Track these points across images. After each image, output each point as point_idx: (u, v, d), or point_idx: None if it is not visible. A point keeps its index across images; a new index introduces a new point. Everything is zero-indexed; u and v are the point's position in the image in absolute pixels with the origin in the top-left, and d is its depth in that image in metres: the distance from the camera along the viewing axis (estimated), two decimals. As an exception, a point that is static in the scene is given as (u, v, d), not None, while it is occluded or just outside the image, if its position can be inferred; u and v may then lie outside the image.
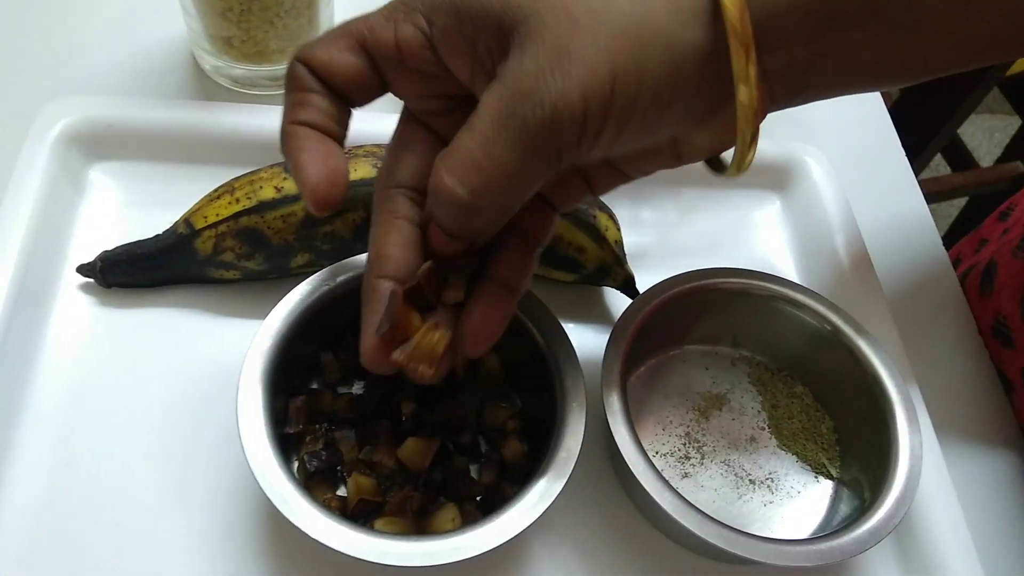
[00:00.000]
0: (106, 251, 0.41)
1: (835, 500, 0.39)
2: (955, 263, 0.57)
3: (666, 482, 0.34)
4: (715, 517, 0.34)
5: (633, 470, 0.34)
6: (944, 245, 0.51)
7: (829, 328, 0.40)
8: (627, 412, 0.35)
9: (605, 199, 0.44)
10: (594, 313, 0.44)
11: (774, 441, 0.41)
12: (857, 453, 0.39)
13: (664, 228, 0.48)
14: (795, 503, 0.39)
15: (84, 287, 0.41)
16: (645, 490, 0.34)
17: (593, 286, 0.45)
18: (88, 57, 0.50)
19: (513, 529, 0.31)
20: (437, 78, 0.29)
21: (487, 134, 0.26)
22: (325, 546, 0.31)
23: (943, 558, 0.37)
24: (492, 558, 0.31)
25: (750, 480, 0.39)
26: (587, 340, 0.39)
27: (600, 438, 0.39)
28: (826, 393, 0.41)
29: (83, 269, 0.41)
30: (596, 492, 0.39)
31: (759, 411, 0.41)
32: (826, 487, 0.40)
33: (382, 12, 0.29)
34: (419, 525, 0.35)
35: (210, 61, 0.49)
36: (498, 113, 0.26)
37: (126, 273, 0.41)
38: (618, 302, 0.44)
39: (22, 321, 0.38)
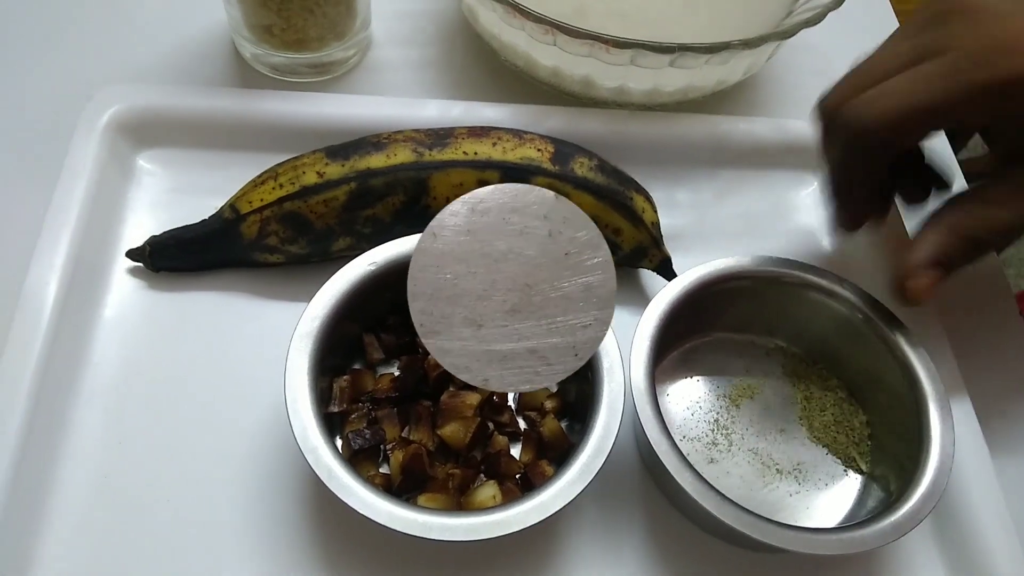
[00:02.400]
0: (154, 236, 0.42)
1: (863, 495, 0.38)
2: None
3: (687, 462, 0.34)
4: (737, 502, 0.33)
5: (656, 449, 0.34)
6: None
7: (861, 317, 0.39)
8: (653, 392, 0.36)
9: (641, 180, 0.44)
10: (631, 295, 0.44)
11: (804, 432, 0.40)
12: (889, 449, 0.39)
13: (701, 209, 0.48)
14: (822, 495, 0.39)
15: (134, 271, 0.43)
16: (667, 470, 0.34)
17: (630, 268, 0.45)
18: (132, 46, 0.51)
19: (554, 505, 0.32)
20: None
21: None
22: (371, 521, 0.31)
23: (984, 542, 0.37)
24: (526, 535, 0.32)
25: (777, 469, 0.39)
26: (624, 322, 0.39)
27: (631, 420, 0.40)
28: (861, 388, 0.41)
29: (132, 254, 0.42)
30: (624, 474, 0.39)
31: (791, 402, 0.41)
32: (855, 481, 0.39)
33: None
34: (460, 503, 0.35)
35: (250, 49, 0.50)
36: None
37: (174, 257, 0.42)
38: (655, 284, 0.44)
39: (76, 304, 0.40)
